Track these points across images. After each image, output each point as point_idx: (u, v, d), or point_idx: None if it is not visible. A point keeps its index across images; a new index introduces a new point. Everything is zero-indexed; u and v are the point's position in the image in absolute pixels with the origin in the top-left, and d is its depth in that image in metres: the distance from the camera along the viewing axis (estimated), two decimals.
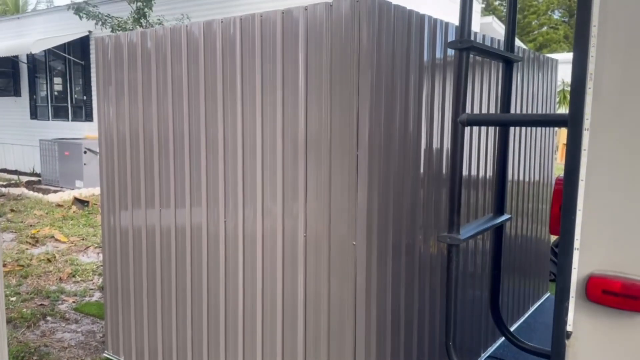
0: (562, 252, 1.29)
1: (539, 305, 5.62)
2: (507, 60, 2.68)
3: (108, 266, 4.15)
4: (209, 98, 3.27)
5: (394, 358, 2.99)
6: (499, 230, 2.35)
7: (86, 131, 13.67)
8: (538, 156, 5.26)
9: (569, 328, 1.30)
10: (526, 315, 5.17)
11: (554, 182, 6.26)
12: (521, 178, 4.87)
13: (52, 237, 8.08)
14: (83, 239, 8.02)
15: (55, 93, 15.54)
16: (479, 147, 3.79)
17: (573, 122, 1.27)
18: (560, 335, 1.32)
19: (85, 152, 12.12)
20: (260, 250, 3.08)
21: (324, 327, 2.86)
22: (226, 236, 3.26)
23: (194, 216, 3.46)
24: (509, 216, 2.43)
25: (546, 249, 6.22)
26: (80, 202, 10.21)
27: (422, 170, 3.17)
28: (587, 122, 1.26)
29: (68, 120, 14.94)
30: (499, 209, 2.33)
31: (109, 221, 4.10)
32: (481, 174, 3.84)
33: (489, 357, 4.22)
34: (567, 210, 1.26)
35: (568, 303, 1.29)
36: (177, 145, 3.49)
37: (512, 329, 4.74)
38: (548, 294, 6.04)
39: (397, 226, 2.94)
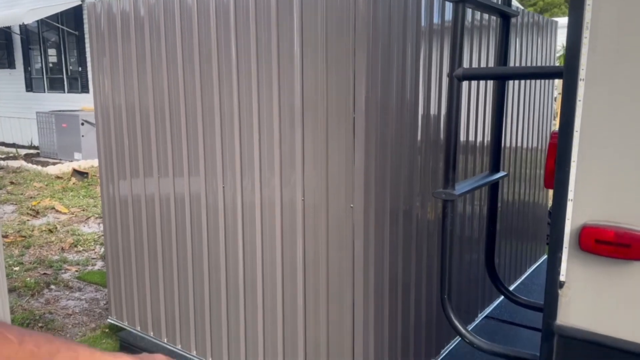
0: (556, 203, 1.30)
1: (536, 268, 5.69)
2: (503, 15, 2.64)
3: (109, 235, 4.19)
4: (204, 67, 3.25)
5: (392, 320, 3.04)
6: (494, 187, 2.36)
7: (83, 103, 13.57)
8: (536, 122, 5.25)
9: (562, 278, 1.33)
10: (523, 277, 5.24)
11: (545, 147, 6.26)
12: (519, 144, 4.87)
13: (53, 208, 8.12)
14: (83, 210, 8.06)
15: (50, 65, 15.37)
16: (477, 106, 3.77)
17: (568, 72, 1.26)
18: (553, 285, 1.34)
19: (82, 124, 12.07)
20: (259, 216, 3.10)
21: (322, 290, 2.91)
22: (225, 204, 3.28)
23: (192, 185, 3.47)
24: (505, 173, 2.44)
25: (543, 213, 6.27)
26: (80, 174, 10.22)
27: (419, 136, 3.17)
28: (582, 73, 1.26)
29: (64, 92, 14.82)
30: (495, 166, 2.33)
31: (108, 191, 4.12)
32: (479, 135, 3.83)
33: (485, 317, 4.30)
34: (561, 161, 1.27)
35: (561, 253, 1.31)
36: (173, 115, 3.48)
37: (512, 287, 4.82)
38: (545, 257, 6.11)
39: (395, 192, 2.95)
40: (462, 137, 3.61)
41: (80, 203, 8.47)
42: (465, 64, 3.56)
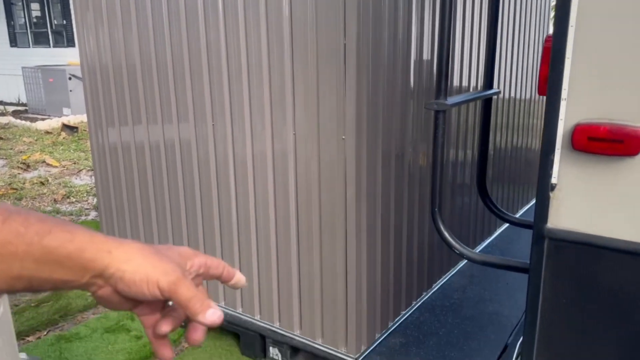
0: (549, 104, 1.28)
1: (527, 209, 5.75)
2: None
3: (100, 185, 4.16)
4: (189, 13, 3.14)
5: (385, 259, 3.06)
6: (487, 104, 2.32)
7: (69, 57, 13.27)
8: (530, 72, 5.21)
9: (553, 180, 1.31)
10: (522, 211, 5.30)
11: (543, 98, 6.22)
12: (512, 95, 4.85)
13: (44, 162, 8.05)
14: (75, 163, 8.00)
15: (34, 19, 14.94)
16: (472, 24, 3.67)
17: None
18: (544, 188, 1.33)
19: (70, 79, 11.84)
20: (249, 153, 3.06)
21: (315, 230, 2.91)
22: (215, 144, 3.24)
23: (182, 132, 3.42)
24: (498, 90, 2.40)
25: (535, 158, 6.29)
26: (69, 128, 10.10)
27: (412, 82, 3.12)
28: None
29: (49, 47, 14.48)
30: (489, 83, 2.29)
31: (97, 140, 4.07)
32: (473, 53, 3.75)
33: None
34: (556, 59, 1.23)
35: (553, 155, 1.29)
36: (160, 63, 3.40)
37: (500, 231, 4.87)
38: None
39: (387, 136, 2.92)
40: (457, 55, 3.52)
41: (71, 156, 8.40)
42: None
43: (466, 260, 4.22)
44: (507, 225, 5.07)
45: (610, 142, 1.20)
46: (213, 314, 0.63)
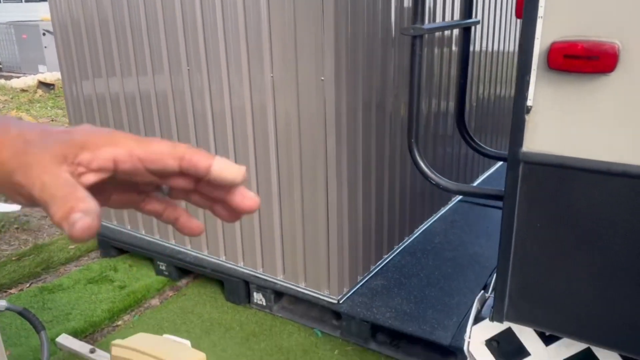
0: (526, 23, 1.24)
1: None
2: None
3: None
4: None
5: (366, 206, 3.07)
6: (466, 34, 2.27)
7: (42, 13, 12.79)
8: (508, 27, 5.14)
9: (529, 102, 1.30)
10: (492, 169, 5.33)
11: None
12: (490, 49, 4.80)
13: (20, 119, 7.84)
14: (52, 120, 7.83)
15: None
16: None
17: None
18: (519, 111, 1.32)
19: (44, 34, 11.45)
20: (227, 97, 3.00)
21: (296, 178, 2.89)
22: (191, 87, 3.16)
23: (158, 84, 3.33)
24: (478, 19, 2.35)
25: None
26: (46, 86, 9.84)
27: (393, 31, 3.04)
28: None
29: (21, 1, 13.93)
30: (468, 12, 2.24)
31: (72, 93, 3.96)
32: None
33: (458, 201, 4.39)
34: None
35: (529, 76, 1.27)
36: (132, 13, 3.27)
37: (479, 180, 4.91)
38: None
39: (367, 84, 2.87)
40: None
41: (49, 114, 8.22)
42: None
43: (448, 207, 4.26)
44: (490, 172, 5.11)
45: (586, 60, 1.17)
46: (75, 224, 0.41)
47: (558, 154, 1.30)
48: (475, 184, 4.87)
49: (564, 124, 1.28)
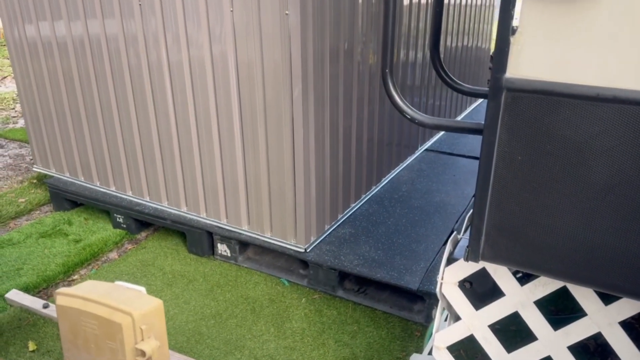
0: None
1: (476, 106, 5.77)
2: None
3: (22, 88, 3.77)
4: None
5: (333, 155, 2.96)
6: None
7: None
8: None
9: (514, 22, 1.19)
10: (464, 113, 5.30)
11: (495, 3, 6.12)
12: (463, 2, 4.68)
13: None
14: None
15: None
16: None
17: None
18: (504, 32, 1.21)
19: None
20: (184, 44, 2.79)
21: (260, 127, 2.74)
22: (144, 27, 2.93)
23: (108, 29, 3.07)
24: None
25: (485, 57, 6.25)
26: None
27: None
28: None
29: None
30: None
31: (14, 37, 3.64)
32: None
33: (425, 150, 4.34)
34: None
35: None
36: None
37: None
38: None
39: (335, 29, 2.70)
40: None
41: None
42: None
43: (414, 156, 4.20)
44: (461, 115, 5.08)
45: None
46: None
47: (544, 80, 1.21)
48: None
49: (551, 46, 1.18)
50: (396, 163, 3.93)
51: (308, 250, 2.87)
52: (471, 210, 1.59)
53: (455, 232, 1.77)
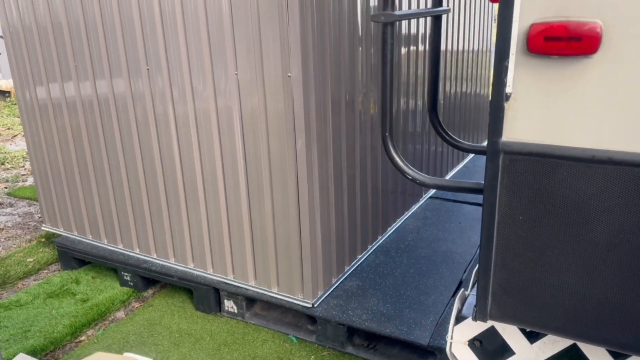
0: (503, 4, 1.18)
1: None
2: None
3: (32, 147, 3.86)
4: None
5: (338, 206, 2.99)
6: (437, 24, 2.20)
7: None
8: (477, 27, 5.17)
9: (508, 90, 1.23)
10: (465, 161, 5.33)
11: (492, 49, 6.27)
12: (460, 48, 4.81)
13: None
14: (9, 129, 7.52)
15: None
16: None
17: None
18: (498, 99, 1.25)
19: None
20: (190, 101, 2.87)
21: (266, 180, 2.78)
22: (152, 94, 3.02)
23: (116, 88, 3.17)
24: (448, 8, 2.30)
25: (485, 103, 6.33)
26: (1, 93, 9.45)
27: (360, 29, 2.98)
28: None
29: None
30: (438, 1, 2.18)
31: (25, 99, 3.75)
32: None
33: (429, 197, 4.35)
34: None
35: (508, 61, 1.20)
36: (87, 12, 3.11)
37: (452, 173, 4.89)
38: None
39: (336, 81, 2.79)
40: None
41: (4, 122, 7.89)
42: None
43: (419, 204, 4.21)
44: (459, 167, 5.10)
45: (568, 41, 1.11)
46: None
47: (540, 143, 1.24)
48: (452, 172, 4.85)
49: (545, 111, 1.21)
50: (401, 211, 3.94)
51: (315, 305, 2.84)
52: (477, 265, 1.60)
53: (462, 290, 1.77)
